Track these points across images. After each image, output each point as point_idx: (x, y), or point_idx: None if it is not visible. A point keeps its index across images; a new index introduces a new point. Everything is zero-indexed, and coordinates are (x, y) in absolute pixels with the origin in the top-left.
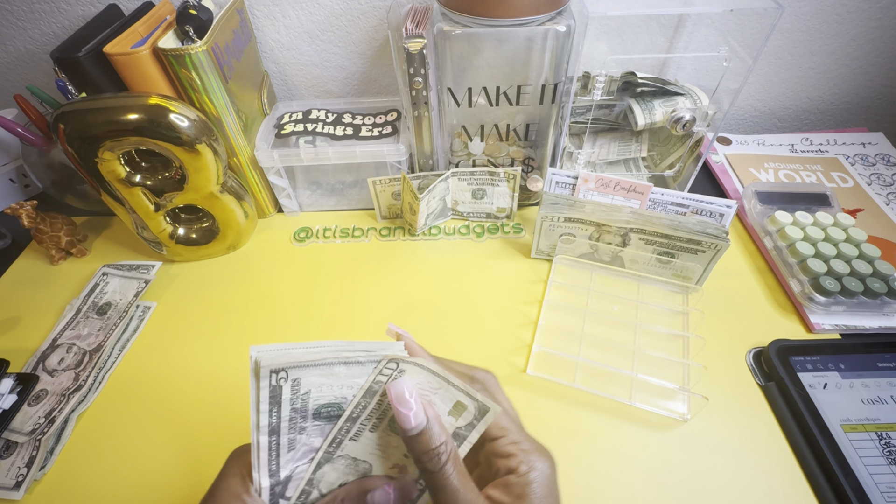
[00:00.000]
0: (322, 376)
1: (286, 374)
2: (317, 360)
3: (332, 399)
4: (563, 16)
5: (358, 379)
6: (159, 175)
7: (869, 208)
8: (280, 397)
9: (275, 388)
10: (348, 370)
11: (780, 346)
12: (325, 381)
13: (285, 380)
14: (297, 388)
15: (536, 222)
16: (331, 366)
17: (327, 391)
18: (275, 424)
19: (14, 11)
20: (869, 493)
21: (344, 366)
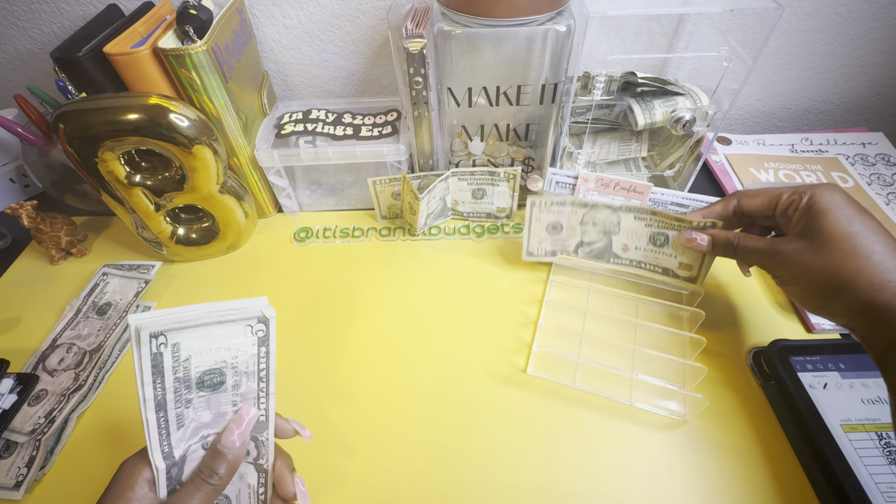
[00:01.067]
0: (199, 339)
1: (165, 338)
2: (192, 321)
3: (212, 365)
4: (563, 16)
5: (233, 339)
6: (159, 175)
7: (869, 208)
8: (162, 365)
9: (156, 355)
10: (222, 330)
11: (780, 345)
12: (204, 345)
13: (165, 345)
14: (178, 354)
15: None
16: (206, 326)
17: (207, 356)
18: (160, 398)
19: (14, 11)
20: (869, 493)
21: (218, 325)
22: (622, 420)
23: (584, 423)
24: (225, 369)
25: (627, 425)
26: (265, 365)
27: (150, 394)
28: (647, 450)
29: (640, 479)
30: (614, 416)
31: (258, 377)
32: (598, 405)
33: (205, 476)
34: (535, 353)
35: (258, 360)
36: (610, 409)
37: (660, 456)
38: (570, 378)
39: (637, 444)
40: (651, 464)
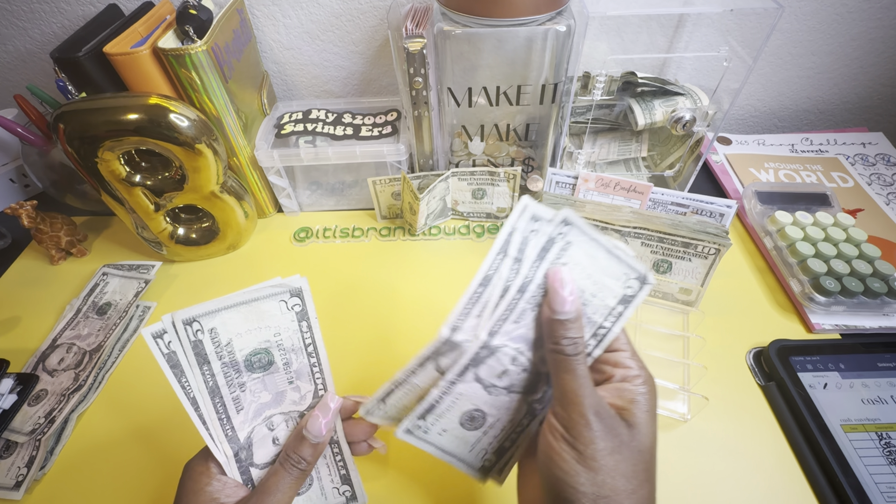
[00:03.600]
0: (235, 322)
1: (200, 324)
2: (223, 305)
3: (257, 346)
4: (563, 15)
5: (271, 318)
6: (159, 175)
7: (869, 208)
8: (205, 352)
9: (196, 343)
10: (256, 308)
11: (781, 346)
12: (242, 327)
13: (202, 332)
14: (217, 339)
15: None
16: (237, 307)
17: (248, 338)
18: (212, 384)
19: (14, 11)
20: (869, 493)
21: (248, 305)
22: None
23: None
24: (271, 348)
25: None
26: (311, 339)
27: (200, 383)
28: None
29: None
30: None
31: (306, 353)
32: None
33: (293, 461)
34: None
35: (302, 336)
36: None
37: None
38: None
39: None
40: None
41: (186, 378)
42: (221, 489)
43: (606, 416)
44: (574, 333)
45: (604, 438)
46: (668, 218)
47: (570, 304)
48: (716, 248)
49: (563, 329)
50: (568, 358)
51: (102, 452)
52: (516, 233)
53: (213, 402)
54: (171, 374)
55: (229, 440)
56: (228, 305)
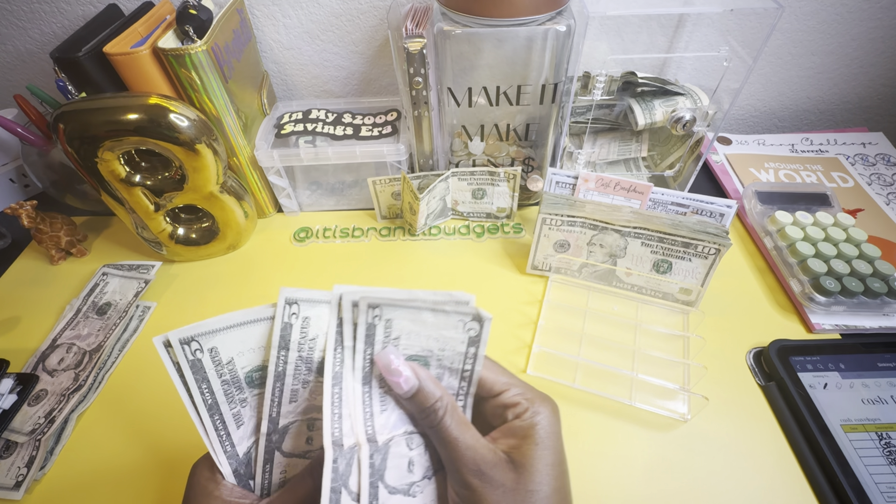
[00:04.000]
0: (237, 341)
1: (199, 343)
2: (221, 326)
3: (258, 363)
4: (563, 15)
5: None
6: (159, 175)
7: (869, 208)
8: (204, 371)
9: (194, 362)
10: (254, 329)
11: (781, 346)
12: (244, 346)
13: (201, 351)
14: (218, 358)
15: (536, 225)
16: (239, 326)
17: (251, 356)
18: (211, 401)
19: (14, 11)
20: (869, 493)
21: (249, 325)
22: (622, 420)
23: (585, 422)
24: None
25: (628, 425)
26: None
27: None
28: (648, 449)
29: (641, 479)
30: (614, 415)
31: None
32: (599, 405)
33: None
34: (536, 353)
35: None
36: (610, 409)
37: (660, 456)
38: (570, 378)
39: (637, 443)
40: (651, 463)
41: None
42: (230, 493)
43: (488, 469)
44: (427, 403)
45: (490, 494)
46: (668, 218)
47: (404, 383)
48: (716, 248)
49: (415, 405)
50: (435, 428)
51: (102, 452)
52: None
53: (213, 418)
54: (179, 383)
55: (228, 456)
56: (230, 325)
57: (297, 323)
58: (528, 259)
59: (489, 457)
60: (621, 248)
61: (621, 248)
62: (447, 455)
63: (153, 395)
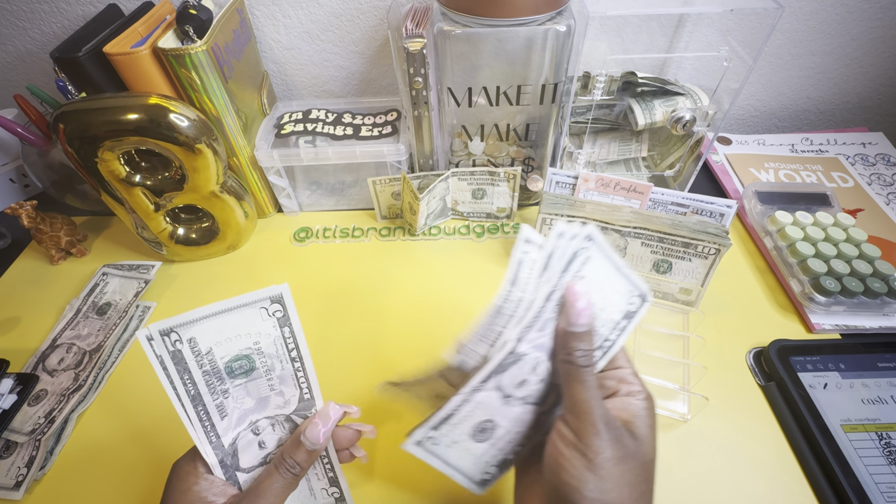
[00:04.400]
0: (214, 331)
1: (178, 334)
2: (198, 317)
3: (237, 352)
4: (563, 15)
5: (251, 326)
6: (159, 175)
7: (869, 208)
8: (185, 362)
9: (175, 353)
10: (235, 317)
11: (781, 346)
12: (221, 335)
13: (180, 342)
14: (197, 348)
15: (536, 226)
16: (216, 316)
17: (228, 346)
18: (194, 392)
19: (14, 11)
20: (869, 493)
21: (228, 313)
22: None
23: None
24: (252, 355)
25: None
26: (293, 344)
27: (182, 391)
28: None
29: None
30: None
31: (290, 357)
32: None
33: (288, 466)
34: None
35: (285, 342)
36: None
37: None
38: None
39: None
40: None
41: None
42: (209, 488)
43: (614, 426)
44: (586, 345)
45: (612, 448)
46: (668, 218)
47: (584, 316)
48: (716, 248)
49: (576, 341)
50: (580, 369)
51: (102, 452)
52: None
53: (197, 409)
54: (163, 375)
55: (214, 447)
56: (207, 315)
57: (184, 347)
58: None
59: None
60: (621, 248)
61: (621, 248)
62: (579, 397)
63: (153, 395)
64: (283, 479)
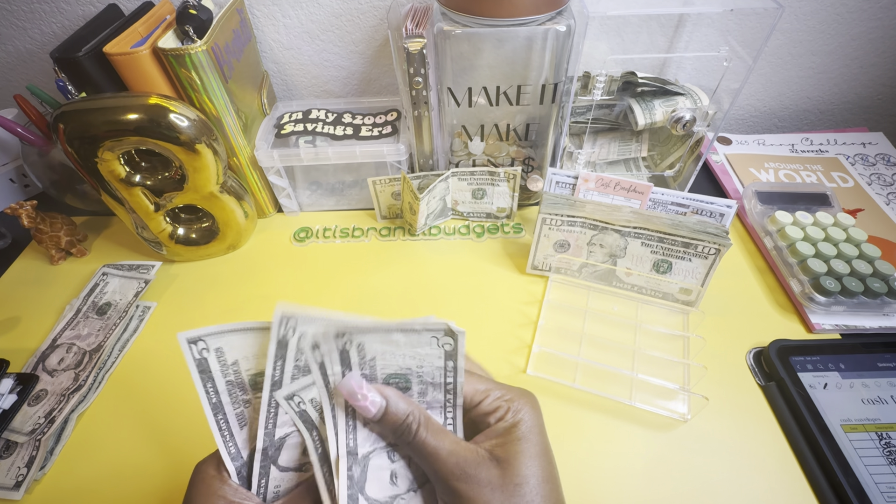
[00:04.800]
0: (242, 344)
1: (205, 343)
2: (227, 329)
3: (261, 369)
4: (563, 15)
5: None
6: (159, 175)
7: (869, 208)
8: (209, 370)
9: (200, 361)
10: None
11: (781, 346)
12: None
13: (207, 350)
14: (223, 358)
15: (536, 225)
16: (241, 332)
17: (253, 361)
18: (216, 401)
19: (14, 11)
20: (869, 493)
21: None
22: (622, 420)
23: (585, 422)
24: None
25: (627, 425)
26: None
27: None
28: (647, 449)
29: (640, 479)
30: (614, 415)
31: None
32: (599, 405)
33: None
34: (536, 353)
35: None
36: (610, 409)
37: (660, 456)
38: (570, 378)
39: (637, 443)
40: (651, 463)
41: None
42: (234, 493)
43: (472, 470)
44: (397, 422)
45: (478, 494)
46: (668, 218)
47: (371, 406)
48: (716, 248)
49: (386, 425)
50: (411, 443)
51: (102, 453)
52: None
53: (216, 418)
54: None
55: (232, 458)
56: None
57: (210, 355)
58: (528, 259)
59: (471, 457)
60: (621, 248)
61: (621, 248)
62: (430, 467)
63: (153, 395)
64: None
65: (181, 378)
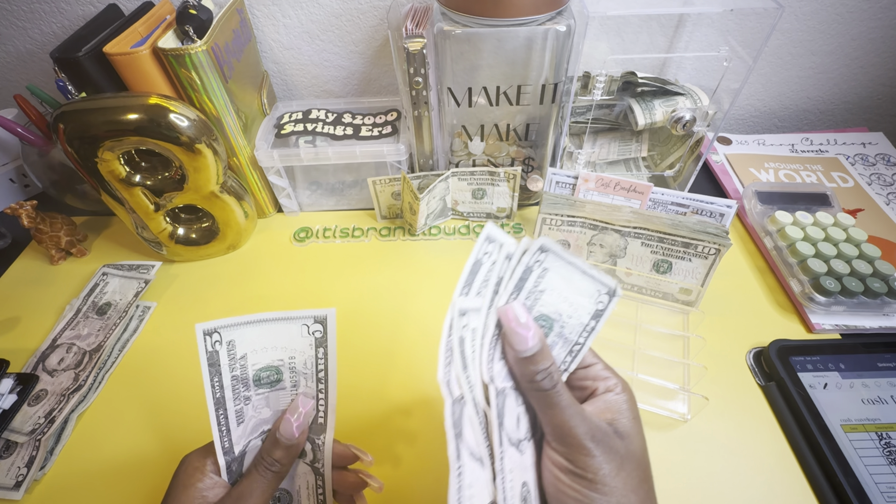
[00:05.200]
0: (255, 337)
1: (219, 335)
2: (245, 321)
3: (269, 362)
4: (563, 15)
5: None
6: (159, 175)
7: (869, 208)
8: (218, 363)
9: (212, 353)
10: (277, 327)
11: (781, 346)
12: (259, 343)
13: (220, 342)
14: (234, 352)
15: (536, 225)
16: (260, 323)
17: (263, 355)
18: (219, 396)
19: (14, 11)
20: (869, 494)
21: (272, 323)
22: None
23: None
24: (282, 367)
25: None
26: (324, 367)
27: (208, 394)
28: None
29: None
30: None
31: (317, 378)
32: None
33: (267, 464)
34: None
35: (316, 362)
36: None
37: (660, 456)
38: None
39: None
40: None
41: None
42: (211, 487)
43: (602, 437)
44: (545, 365)
45: (607, 461)
46: (668, 218)
47: (531, 339)
48: (716, 248)
49: (533, 365)
50: (547, 393)
51: (102, 453)
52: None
53: (217, 413)
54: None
55: (225, 452)
56: (251, 321)
57: (222, 348)
58: None
59: (602, 426)
60: (621, 248)
61: (621, 248)
62: (560, 419)
63: (153, 395)
64: (263, 478)
65: (181, 378)
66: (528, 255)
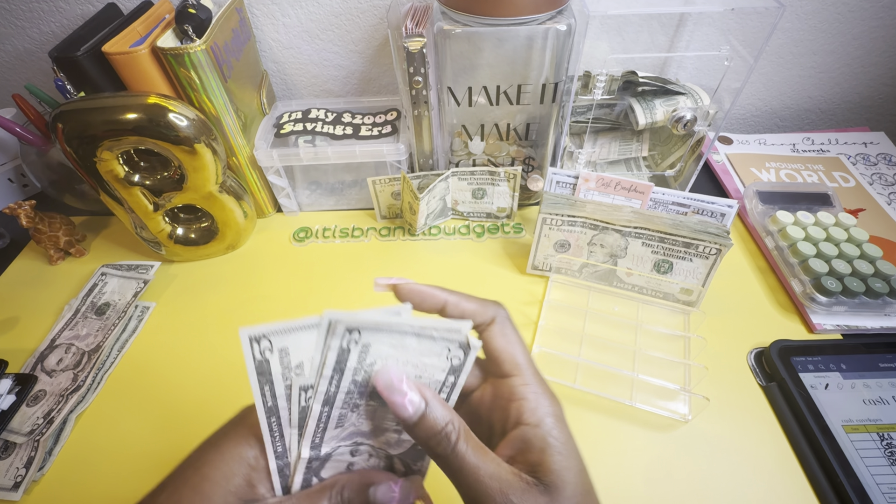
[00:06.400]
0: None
1: (269, 342)
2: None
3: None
4: (564, 15)
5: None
6: (158, 175)
7: (871, 208)
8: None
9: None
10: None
11: (782, 346)
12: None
13: (270, 350)
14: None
15: (537, 225)
16: (403, 335)
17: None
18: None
19: (13, 11)
20: (870, 494)
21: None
22: (623, 420)
23: (585, 423)
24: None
25: (628, 425)
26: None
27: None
28: (648, 450)
29: (641, 479)
30: (615, 416)
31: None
32: (599, 405)
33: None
34: (536, 354)
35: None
36: (611, 410)
37: (660, 456)
38: (570, 378)
39: (638, 444)
40: (652, 464)
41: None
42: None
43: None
44: (438, 424)
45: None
46: (668, 218)
47: (409, 403)
48: (717, 248)
49: (424, 430)
50: (448, 456)
51: (101, 453)
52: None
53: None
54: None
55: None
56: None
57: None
58: (529, 259)
59: (517, 483)
60: (622, 248)
61: (622, 248)
62: (467, 485)
63: (152, 395)
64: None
65: (181, 378)
66: (337, 337)
